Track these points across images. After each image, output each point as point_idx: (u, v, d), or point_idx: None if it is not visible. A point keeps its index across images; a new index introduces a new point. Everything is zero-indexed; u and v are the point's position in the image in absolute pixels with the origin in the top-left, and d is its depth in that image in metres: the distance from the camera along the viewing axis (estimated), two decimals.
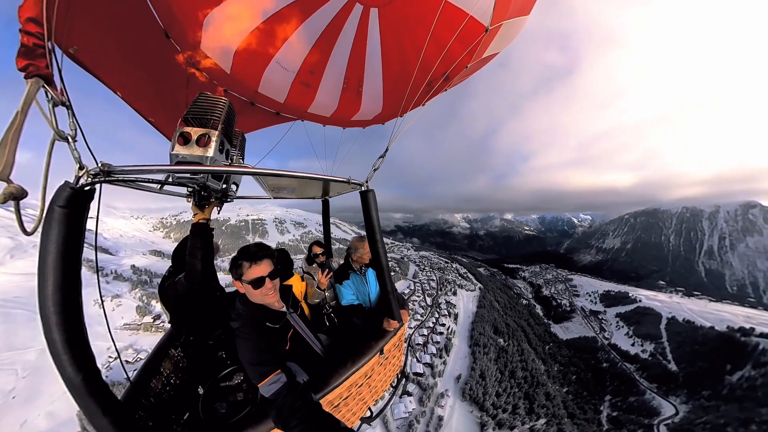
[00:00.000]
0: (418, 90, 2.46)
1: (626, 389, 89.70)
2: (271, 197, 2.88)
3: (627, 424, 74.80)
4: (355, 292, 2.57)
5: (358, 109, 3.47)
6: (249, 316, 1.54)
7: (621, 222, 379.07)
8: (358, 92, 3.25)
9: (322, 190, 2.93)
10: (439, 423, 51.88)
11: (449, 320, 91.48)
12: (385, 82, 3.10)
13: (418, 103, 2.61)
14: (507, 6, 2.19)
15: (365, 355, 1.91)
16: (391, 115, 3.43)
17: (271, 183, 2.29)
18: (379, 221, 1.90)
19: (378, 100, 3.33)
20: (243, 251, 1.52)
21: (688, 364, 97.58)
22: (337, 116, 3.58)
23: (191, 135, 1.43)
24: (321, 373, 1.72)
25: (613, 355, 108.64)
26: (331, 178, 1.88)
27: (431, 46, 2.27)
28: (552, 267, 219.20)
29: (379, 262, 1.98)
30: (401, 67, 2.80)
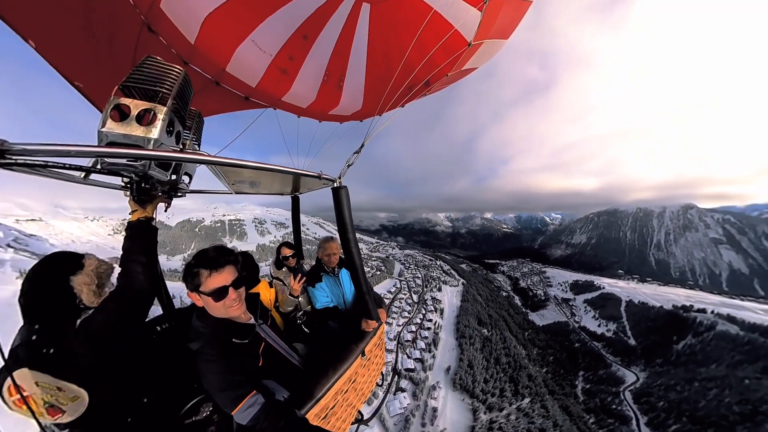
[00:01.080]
0: (398, 91, 2.46)
1: (596, 364, 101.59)
2: (231, 192, 2.54)
3: (598, 394, 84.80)
4: (329, 294, 2.47)
5: (337, 103, 3.35)
6: (211, 334, 1.33)
7: (586, 220, 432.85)
8: (338, 86, 3.15)
9: (292, 185, 2.73)
10: (434, 414, 53.44)
11: (435, 315, 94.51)
12: (367, 79, 3.05)
13: (396, 104, 2.59)
14: (490, 27, 2.35)
15: (347, 359, 1.83)
16: (370, 113, 3.40)
17: (233, 175, 2.00)
18: (351, 219, 1.81)
19: (358, 96, 3.24)
20: (200, 257, 1.31)
21: (644, 338, 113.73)
22: (314, 109, 3.38)
23: (130, 109, 1.13)
24: (302, 387, 1.58)
25: (583, 336, 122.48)
26: (301, 172, 1.69)
27: (416, 51, 2.33)
28: (528, 261, 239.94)
29: (353, 262, 1.91)
30: (385, 67, 2.77)
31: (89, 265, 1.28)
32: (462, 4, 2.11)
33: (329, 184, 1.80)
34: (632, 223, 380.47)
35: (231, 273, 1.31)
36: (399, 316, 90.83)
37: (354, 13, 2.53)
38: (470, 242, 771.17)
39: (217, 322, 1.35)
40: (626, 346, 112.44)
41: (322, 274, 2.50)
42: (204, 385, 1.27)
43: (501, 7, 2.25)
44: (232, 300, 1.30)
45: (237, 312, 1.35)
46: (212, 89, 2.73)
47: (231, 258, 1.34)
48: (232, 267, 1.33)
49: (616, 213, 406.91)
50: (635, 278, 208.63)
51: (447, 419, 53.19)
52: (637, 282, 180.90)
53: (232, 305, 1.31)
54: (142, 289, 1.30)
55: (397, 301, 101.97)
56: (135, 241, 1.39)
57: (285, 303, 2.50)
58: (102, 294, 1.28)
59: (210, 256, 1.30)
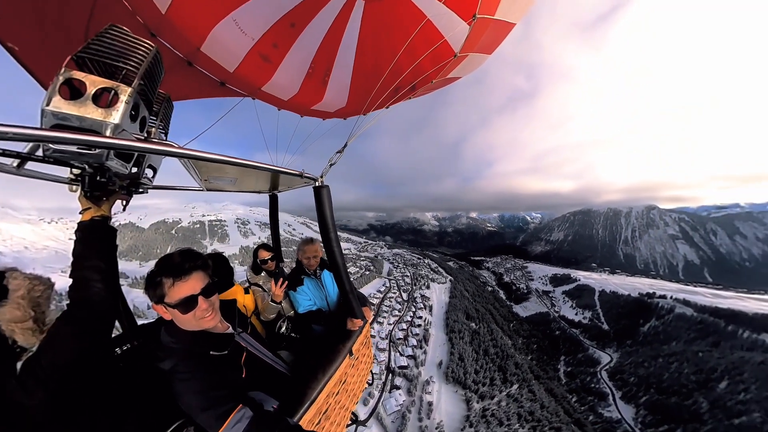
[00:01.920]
0: (384, 92, 2.45)
1: (575, 349, 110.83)
2: (203, 188, 2.36)
3: (579, 375, 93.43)
4: (312, 297, 2.42)
5: (320, 98, 3.24)
6: (184, 349, 1.18)
7: (563, 219, 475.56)
8: (323, 81, 3.05)
9: (271, 183, 2.61)
10: (430, 408, 54.96)
11: (425, 312, 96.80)
12: (354, 77, 2.99)
13: (382, 104, 2.56)
14: (476, 42, 2.43)
15: (335, 360, 1.80)
16: (354, 111, 3.31)
17: (205, 170, 1.84)
18: (333, 219, 1.76)
19: (344, 93, 3.18)
20: (162, 264, 1.14)
21: (615, 323, 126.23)
22: (296, 102, 3.25)
23: (86, 86, 0.88)
24: (292, 393, 1.49)
25: (563, 324, 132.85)
26: (281, 170, 1.53)
27: (405, 55, 2.35)
28: (510, 257, 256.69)
29: (335, 262, 1.88)
30: (373, 66, 2.74)
31: (16, 288, 0.96)
32: (453, 16, 2.22)
33: (311, 182, 1.72)
34: (603, 221, 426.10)
35: (200, 280, 1.17)
36: (390, 315, 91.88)
37: (347, 8, 2.49)
38: (457, 240, 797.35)
39: (190, 335, 1.20)
40: (601, 331, 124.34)
41: (303, 277, 2.44)
42: (182, 407, 1.12)
43: (488, 25, 2.35)
44: (204, 310, 1.16)
45: (211, 323, 1.22)
46: (183, 70, 2.48)
47: (199, 262, 1.19)
48: (201, 273, 1.18)
49: (589, 213, 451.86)
50: (606, 270, 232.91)
51: (442, 411, 55.02)
52: (608, 274, 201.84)
53: (204, 316, 1.17)
54: (102, 301, 1.09)
55: (387, 300, 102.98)
56: (89, 244, 1.18)
57: (266, 310, 2.36)
58: (44, 326, 0.99)
59: (174, 262, 1.15)
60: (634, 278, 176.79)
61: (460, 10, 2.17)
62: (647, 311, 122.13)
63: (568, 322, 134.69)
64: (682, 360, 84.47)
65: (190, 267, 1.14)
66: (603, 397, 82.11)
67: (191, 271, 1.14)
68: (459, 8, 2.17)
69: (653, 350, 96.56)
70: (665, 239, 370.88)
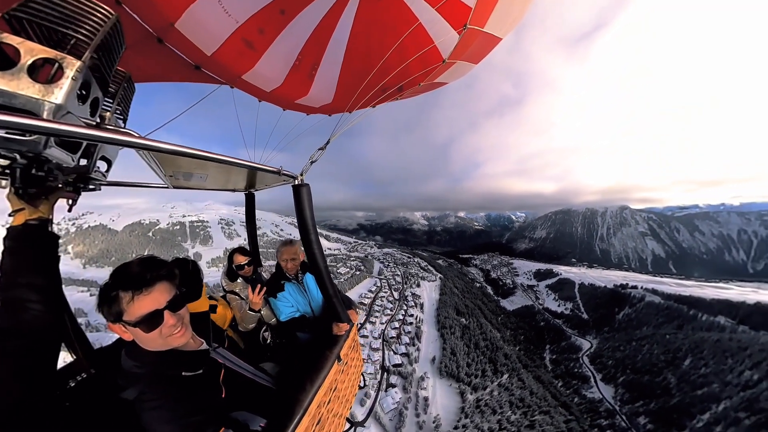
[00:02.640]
0: (371, 91, 2.43)
1: (558, 338, 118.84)
2: (168, 185, 2.08)
3: (563, 361, 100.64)
4: (294, 303, 2.27)
5: (306, 93, 3.12)
6: (151, 374, 1.00)
7: (545, 218, 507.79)
8: (310, 74, 2.95)
9: (247, 180, 2.34)
10: (426, 403, 56.19)
11: (416, 310, 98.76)
12: (342, 73, 2.94)
13: (368, 103, 2.55)
14: (464, 51, 2.55)
15: (323, 367, 1.69)
16: (340, 108, 3.23)
17: (171, 165, 1.56)
18: (313, 219, 1.66)
19: (330, 89, 3.10)
20: (119, 275, 0.95)
21: (594, 312, 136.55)
22: (279, 94, 3.09)
23: (21, 54, 0.71)
24: (280, 408, 1.36)
25: (547, 316, 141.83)
26: (258, 166, 1.38)
27: (395, 56, 2.38)
28: (497, 255, 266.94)
29: (316, 265, 1.78)
30: (362, 64, 2.67)
31: None
32: (445, 24, 2.27)
33: (290, 181, 1.62)
34: (582, 220, 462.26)
35: (165, 291, 0.99)
36: (382, 314, 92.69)
37: (342, 2, 2.43)
38: (445, 239, 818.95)
39: (157, 356, 1.02)
40: (581, 320, 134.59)
41: (283, 282, 2.31)
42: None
43: (477, 36, 2.40)
44: (171, 326, 0.99)
45: (181, 339, 1.04)
46: (151, 47, 2.23)
47: (162, 272, 1.00)
48: (166, 283, 1.00)
49: (569, 212, 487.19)
50: (585, 265, 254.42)
51: (438, 405, 56.74)
52: (586, 268, 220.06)
53: (173, 333, 1.00)
54: (43, 327, 0.90)
55: (378, 299, 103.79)
56: (22, 256, 0.95)
57: (245, 320, 2.24)
58: None
59: (132, 272, 0.95)
60: (609, 271, 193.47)
61: (452, 18, 2.24)
62: (621, 300, 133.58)
63: (552, 314, 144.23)
64: (653, 342, 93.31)
65: (152, 277, 0.97)
66: (585, 380, 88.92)
67: (154, 282, 0.97)
68: (451, 17, 2.23)
69: (627, 335, 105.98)
70: (636, 236, 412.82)
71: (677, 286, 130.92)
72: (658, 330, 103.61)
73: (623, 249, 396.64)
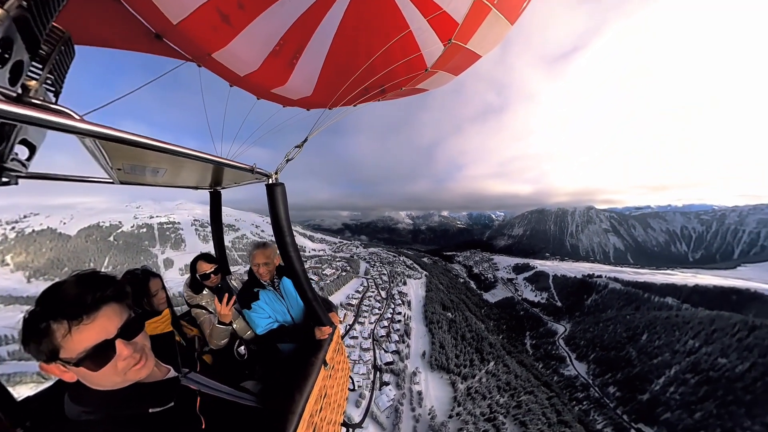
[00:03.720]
0: (354, 89, 2.44)
1: (536, 325, 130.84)
2: (114, 181, 1.69)
3: (542, 345, 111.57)
4: (271, 313, 2.11)
5: (284, 82, 2.88)
6: (108, 419, 0.80)
7: (522, 217, 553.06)
8: (290, 63, 2.73)
9: (212, 177, 2.06)
10: (420, 397, 58.43)
11: (404, 308, 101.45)
12: (325, 66, 2.79)
13: (349, 101, 2.54)
14: (446, 62, 2.66)
15: (309, 375, 1.63)
16: (319, 103, 3.12)
17: (120, 156, 1.23)
18: (289, 221, 1.57)
19: (311, 82, 2.92)
20: (49, 299, 0.72)
21: (566, 300, 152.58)
22: (254, 80, 2.79)
23: None
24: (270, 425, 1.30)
25: (526, 305, 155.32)
26: (227, 162, 1.24)
27: (382, 58, 2.41)
28: (478, 251, 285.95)
29: (293, 268, 1.69)
30: (348, 60, 2.63)
31: None
32: (432, 35, 2.38)
33: (263, 179, 1.52)
34: (554, 218, 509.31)
35: (113, 316, 0.77)
36: (370, 314, 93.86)
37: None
38: (430, 237, 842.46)
39: (114, 395, 0.81)
40: (555, 308, 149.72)
41: (257, 290, 2.11)
42: None
43: (459, 51, 2.52)
44: (128, 358, 0.78)
45: (143, 372, 0.83)
46: (101, 4, 1.89)
47: (109, 291, 0.77)
48: (114, 306, 0.78)
49: (543, 211, 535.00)
50: (557, 258, 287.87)
51: (432, 398, 59.41)
52: (558, 261, 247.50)
53: (130, 366, 0.79)
54: None
55: (366, 299, 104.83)
56: None
57: (214, 335, 2.02)
58: None
59: (68, 296, 0.72)
60: (578, 263, 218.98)
61: (440, 31, 2.35)
62: (589, 288, 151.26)
63: (530, 303, 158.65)
64: (616, 323, 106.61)
65: (95, 300, 0.73)
66: (562, 360, 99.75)
67: (98, 306, 0.74)
68: (439, 29, 2.34)
69: (595, 318, 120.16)
70: (600, 232, 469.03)
71: (634, 274, 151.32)
72: (620, 312, 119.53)
73: (590, 244, 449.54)
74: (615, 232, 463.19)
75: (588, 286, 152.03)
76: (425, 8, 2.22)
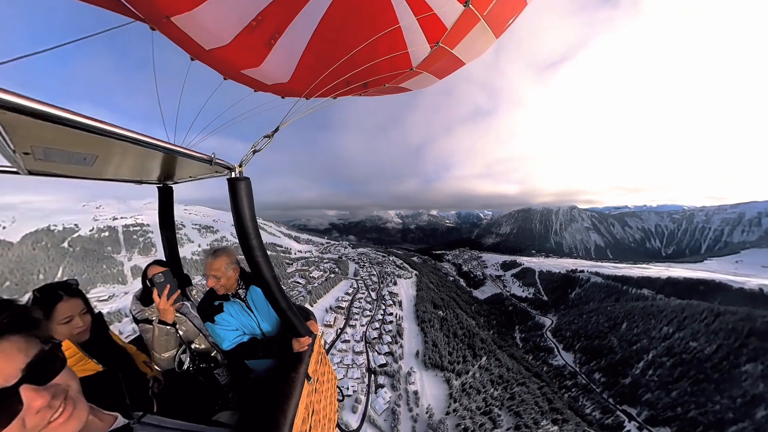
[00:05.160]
0: (335, 80, 2.33)
1: (525, 319, 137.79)
2: (20, 169, 1.27)
3: (531, 338, 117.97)
4: (238, 325, 1.90)
5: (258, 63, 2.61)
6: None
7: (509, 216, 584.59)
8: (268, 43, 2.47)
9: (161, 169, 1.69)
10: (416, 397, 59.42)
11: (395, 308, 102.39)
12: (306, 53, 2.61)
13: (329, 93, 2.40)
14: (431, 65, 2.71)
15: (292, 394, 1.50)
16: (296, 92, 2.87)
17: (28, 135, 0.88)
18: (255, 221, 1.40)
19: (289, 67, 2.71)
20: None
21: (552, 294, 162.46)
22: (222, 57, 2.49)
23: None
24: None
25: (514, 301, 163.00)
26: (182, 150, 1.10)
27: (367, 50, 2.34)
28: (467, 249, 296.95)
29: (262, 275, 1.51)
30: (332, 48, 2.50)
31: None
32: (421, 35, 2.41)
33: (224, 173, 1.36)
34: (540, 217, 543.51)
35: (12, 354, 0.56)
36: (361, 316, 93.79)
37: None
38: (419, 237, 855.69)
39: None
40: (542, 302, 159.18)
41: (220, 302, 1.92)
42: None
43: (445, 55, 2.58)
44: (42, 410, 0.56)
45: (70, 427, 0.61)
46: None
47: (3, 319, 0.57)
48: (13, 340, 0.57)
49: (529, 211, 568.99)
50: (543, 255, 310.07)
51: (428, 396, 60.60)
52: (544, 257, 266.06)
53: (46, 422, 0.57)
54: None
55: (356, 301, 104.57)
56: None
57: (156, 345, 1.68)
58: None
59: None
60: (562, 259, 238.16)
61: (429, 32, 2.38)
62: (572, 283, 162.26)
63: (518, 299, 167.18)
64: (598, 314, 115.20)
65: None
66: (550, 351, 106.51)
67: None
68: (428, 30, 2.38)
69: (579, 310, 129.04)
70: (582, 230, 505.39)
71: (614, 269, 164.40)
72: (602, 303, 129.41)
73: (573, 241, 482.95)
74: (596, 229, 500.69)
75: (571, 281, 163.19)
76: (417, 7, 2.23)
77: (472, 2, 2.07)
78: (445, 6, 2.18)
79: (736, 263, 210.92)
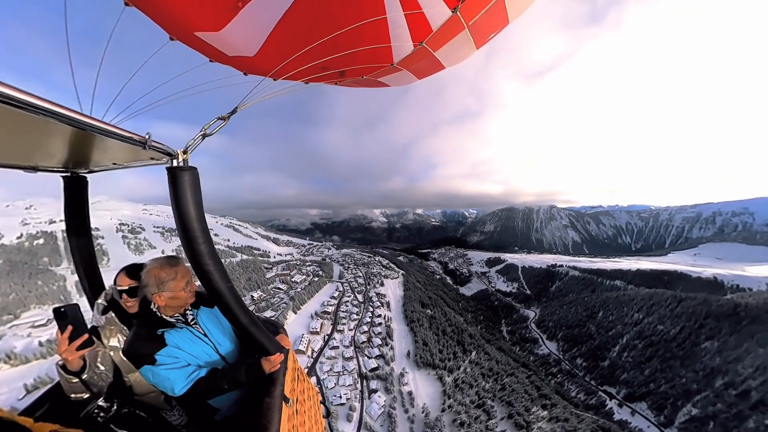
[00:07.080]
0: (308, 62, 2.21)
1: (510, 312, 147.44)
2: None
3: (517, 331, 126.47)
4: (189, 358, 1.57)
5: (218, 27, 2.20)
6: None
7: (493, 215, 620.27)
8: (234, 6, 2.09)
9: (69, 151, 1.27)
10: (411, 397, 60.73)
11: (383, 309, 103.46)
12: (279, 26, 2.27)
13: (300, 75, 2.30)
14: (411, 64, 2.73)
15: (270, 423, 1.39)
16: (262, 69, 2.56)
17: None
18: (204, 222, 1.21)
19: (257, 39, 2.36)
20: None
21: (534, 288, 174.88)
22: (177, 19, 2.13)
23: None
24: None
25: (499, 296, 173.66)
26: (103, 126, 0.89)
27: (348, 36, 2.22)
28: (453, 248, 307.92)
29: (214, 287, 1.31)
30: (309, 27, 2.26)
31: None
32: (405, 32, 2.36)
33: (162, 160, 1.16)
34: (522, 216, 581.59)
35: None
36: (348, 320, 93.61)
37: None
38: (405, 236, 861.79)
39: None
40: (526, 296, 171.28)
41: (162, 331, 1.57)
42: None
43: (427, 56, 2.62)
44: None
45: None
46: None
47: None
48: None
49: (512, 209, 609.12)
50: (525, 251, 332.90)
51: (423, 395, 62.24)
52: (526, 254, 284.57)
53: None
54: None
55: (343, 305, 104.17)
56: None
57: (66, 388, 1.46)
58: None
59: None
60: (543, 255, 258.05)
61: (414, 30, 2.35)
62: (553, 277, 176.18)
63: (503, 293, 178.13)
64: (577, 305, 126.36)
65: None
66: (535, 342, 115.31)
67: None
68: (414, 28, 2.34)
69: (559, 302, 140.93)
70: (561, 228, 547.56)
71: (590, 263, 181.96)
72: (580, 295, 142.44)
73: (552, 238, 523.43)
74: (573, 227, 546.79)
75: (552, 275, 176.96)
76: (406, 1, 2.14)
77: (460, 10, 2.10)
78: (435, 8, 2.16)
79: (694, 256, 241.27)
